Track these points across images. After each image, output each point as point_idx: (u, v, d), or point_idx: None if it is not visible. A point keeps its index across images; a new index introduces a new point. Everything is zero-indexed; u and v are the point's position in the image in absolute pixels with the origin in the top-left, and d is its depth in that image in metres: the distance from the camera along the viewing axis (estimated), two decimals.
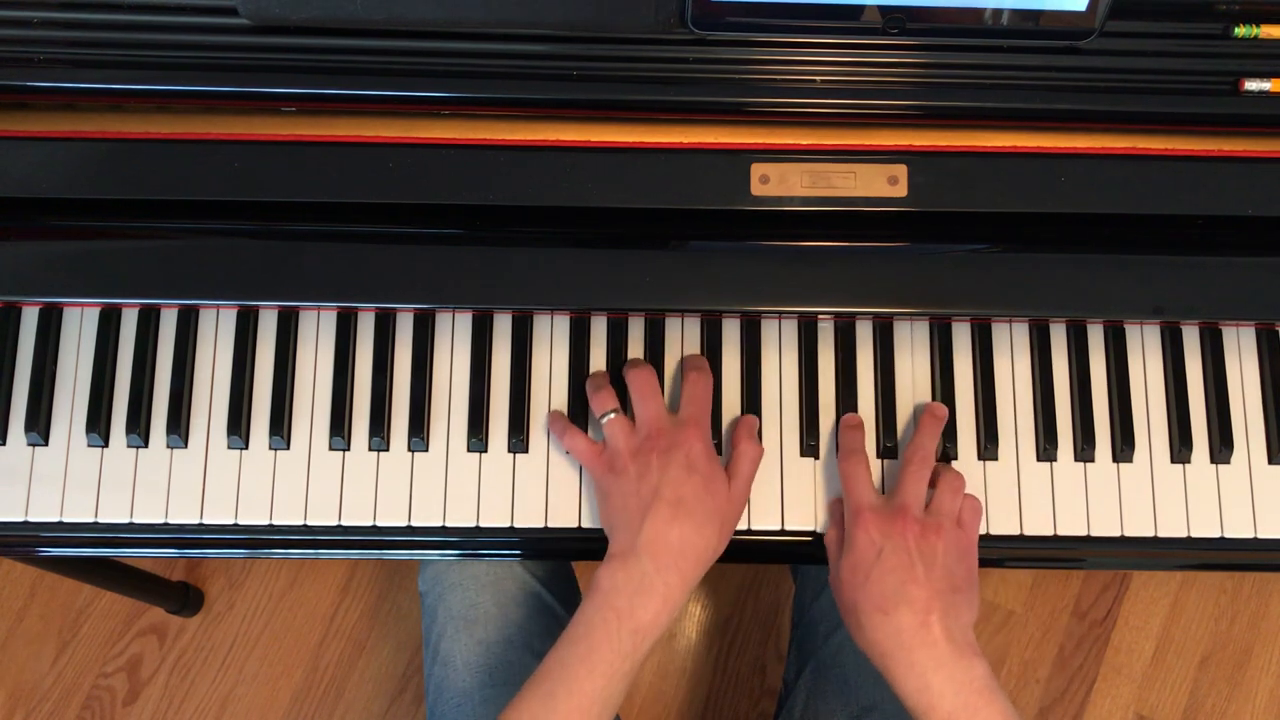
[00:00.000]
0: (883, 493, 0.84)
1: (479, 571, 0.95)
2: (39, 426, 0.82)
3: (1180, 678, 1.54)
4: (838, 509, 0.82)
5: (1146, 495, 0.84)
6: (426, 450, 0.84)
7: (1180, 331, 0.87)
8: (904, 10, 0.74)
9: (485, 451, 0.84)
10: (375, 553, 0.85)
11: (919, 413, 0.84)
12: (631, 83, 0.78)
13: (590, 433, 0.83)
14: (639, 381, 0.81)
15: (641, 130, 0.80)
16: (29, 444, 0.83)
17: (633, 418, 0.81)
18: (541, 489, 0.84)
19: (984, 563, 0.80)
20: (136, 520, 0.82)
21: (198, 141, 0.79)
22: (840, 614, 0.78)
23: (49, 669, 1.51)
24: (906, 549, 0.74)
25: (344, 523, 0.83)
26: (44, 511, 0.82)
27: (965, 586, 0.76)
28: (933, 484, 0.80)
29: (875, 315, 0.86)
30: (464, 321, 0.86)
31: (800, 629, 1.00)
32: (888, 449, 0.84)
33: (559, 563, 1.02)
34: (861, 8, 0.74)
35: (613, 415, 0.80)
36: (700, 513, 0.75)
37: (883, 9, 0.74)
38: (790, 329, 0.86)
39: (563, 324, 0.86)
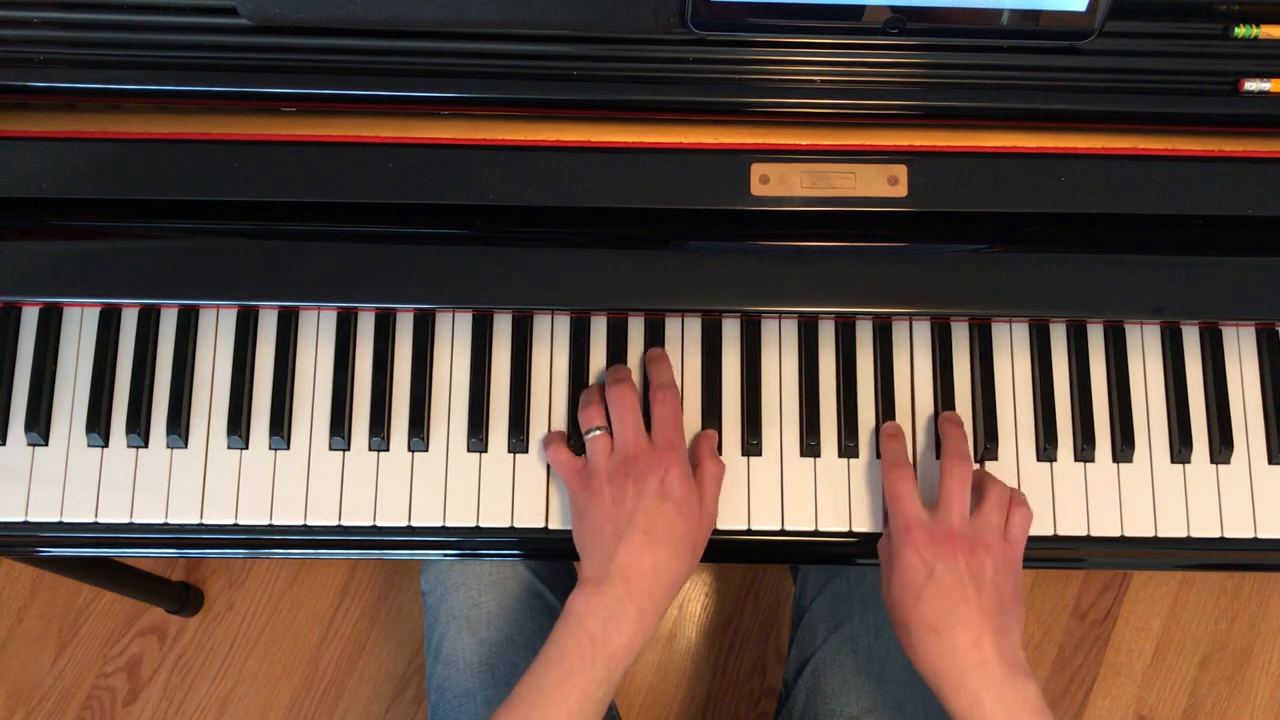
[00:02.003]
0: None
1: (482, 571, 0.95)
2: (39, 426, 0.82)
3: (1180, 678, 1.54)
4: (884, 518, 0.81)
5: (1146, 495, 0.84)
6: (426, 450, 0.84)
7: (1180, 331, 0.87)
8: (904, 10, 0.74)
9: (485, 451, 0.84)
10: (375, 553, 0.85)
11: (921, 417, 0.84)
12: (631, 83, 0.78)
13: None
14: (617, 400, 0.80)
15: (641, 130, 0.80)
16: (29, 444, 0.83)
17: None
18: (541, 489, 0.84)
19: None
20: (136, 520, 0.82)
21: (198, 141, 0.79)
22: (893, 627, 0.77)
23: (49, 669, 1.51)
24: (957, 569, 0.74)
25: (344, 523, 0.83)
26: (44, 511, 0.82)
27: (1014, 604, 0.75)
28: (976, 490, 0.80)
29: (875, 315, 0.86)
30: (464, 321, 0.86)
31: (800, 629, 1.00)
32: None
33: (562, 563, 1.02)
34: (861, 8, 0.74)
35: (597, 433, 0.80)
36: (673, 539, 0.76)
37: (882, 9, 0.74)
38: (790, 329, 0.86)
39: (563, 324, 0.86)
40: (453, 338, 0.86)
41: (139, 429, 0.83)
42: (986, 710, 0.71)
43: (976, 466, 0.83)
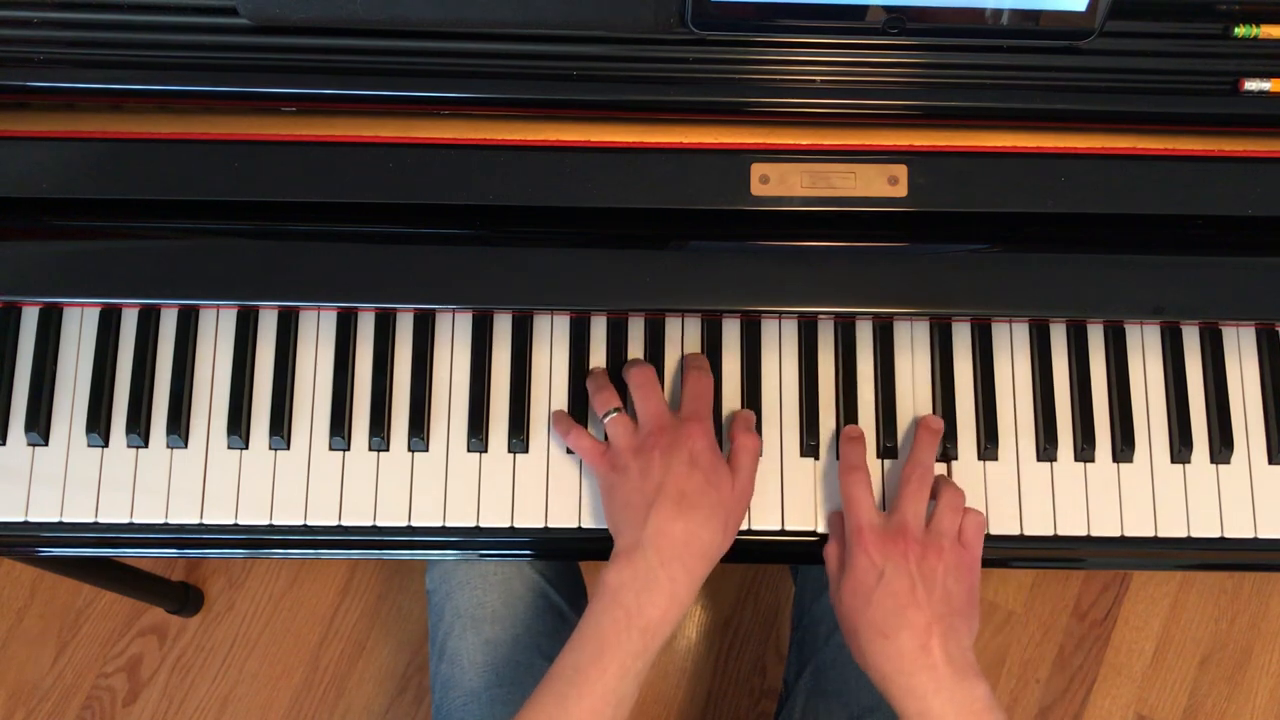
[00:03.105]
0: (884, 496, 0.84)
1: (487, 570, 0.95)
2: (39, 426, 0.82)
3: (1180, 678, 1.54)
4: (838, 523, 0.82)
5: (1146, 495, 0.84)
6: (426, 450, 0.84)
7: (1180, 331, 0.87)
8: (904, 10, 0.74)
9: (485, 451, 0.84)
10: (375, 553, 0.85)
11: (918, 418, 0.84)
12: (631, 83, 0.78)
13: (591, 429, 0.83)
14: (639, 379, 0.81)
15: (641, 130, 0.80)
16: (29, 444, 0.83)
17: (634, 416, 0.81)
18: (541, 489, 0.84)
19: (985, 563, 0.80)
20: (136, 520, 0.82)
21: (198, 141, 0.79)
22: (842, 632, 0.77)
23: (49, 669, 1.51)
24: (907, 571, 0.74)
25: (344, 523, 0.83)
26: (44, 511, 0.82)
27: (965, 607, 0.75)
28: (933, 495, 0.80)
29: (875, 315, 0.86)
30: (464, 321, 0.86)
31: (800, 630, 1.00)
32: (888, 449, 0.84)
33: (566, 562, 1.02)
34: (861, 8, 0.74)
35: (615, 414, 0.80)
36: (704, 507, 0.75)
37: (883, 9, 0.74)
38: (790, 329, 0.86)
39: (563, 324, 0.86)
40: (453, 338, 0.86)
41: (139, 429, 0.83)
42: (934, 713, 0.71)
43: (939, 472, 0.83)
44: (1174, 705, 1.53)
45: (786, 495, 0.84)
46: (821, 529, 0.84)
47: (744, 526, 0.83)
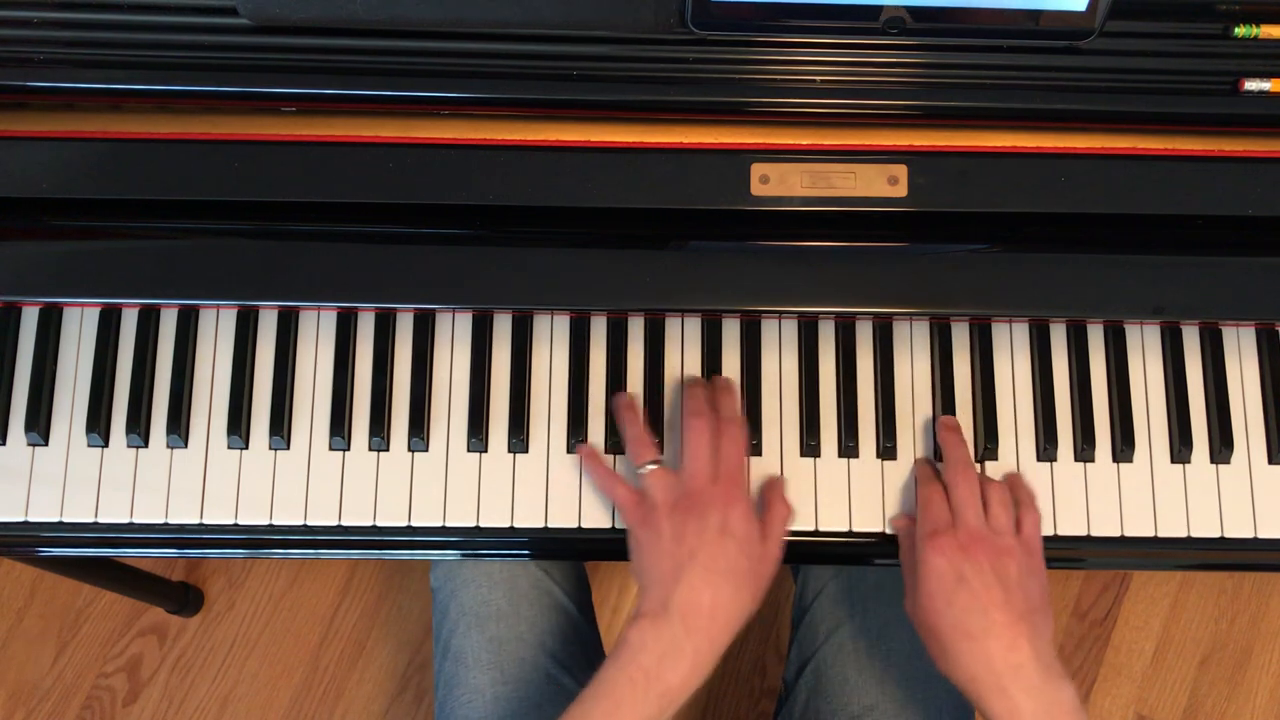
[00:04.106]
0: (884, 497, 0.84)
1: (492, 568, 0.95)
2: (39, 426, 0.82)
3: (1180, 678, 1.53)
4: (908, 528, 0.81)
5: (1146, 495, 0.84)
6: (426, 450, 0.84)
7: (1180, 331, 0.87)
8: (904, 10, 0.74)
9: (485, 451, 0.84)
10: (375, 553, 0.85)
11: (921, 417, 0.84)
12: (631, 83, 0.78)
13: (592, 428, 0.83)
14: (693, 432, 0.79)
15: (641, 130, 0.80)
16: (29, 444, 0.83)
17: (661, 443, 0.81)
18: (541, 489, 0.84)
19: None
20: (136, 520, 0.82)
21: (198, 141, 0.79)
22: (921, 637, 0.77)
23: (49, 669, 1.51)
24: (984, 572, 0.74)
25: (344, 523, 0.83)
26: (44, 511, 0.82)
27: (1043, 605, 0.75)
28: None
29: (875, 315, 0.86)
30: (464, 321, 0.86)
31: (801, 629, 1.00)
32: (887, 449, 0.84)
33: (570, 561, 1.02)
34: (862, 8, 0.74)
35: (652, 467, 0.79)
36: (735, 578, 0.75)
37: (883, 9, 0.74)
38: (790, 329, 0.86)
39: (563, 324, 0.86)
40: (453, 338, 0.86)
41: (139, 429, 0.83)
42: (1025, 713, 0.70)
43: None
44: (1174, 705, 1.53)
45: (787, 495, 0.84)
46: (822, 528, 0.84)
47: None
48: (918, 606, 0.76)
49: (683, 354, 0.86)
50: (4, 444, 0.83)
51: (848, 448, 0.84)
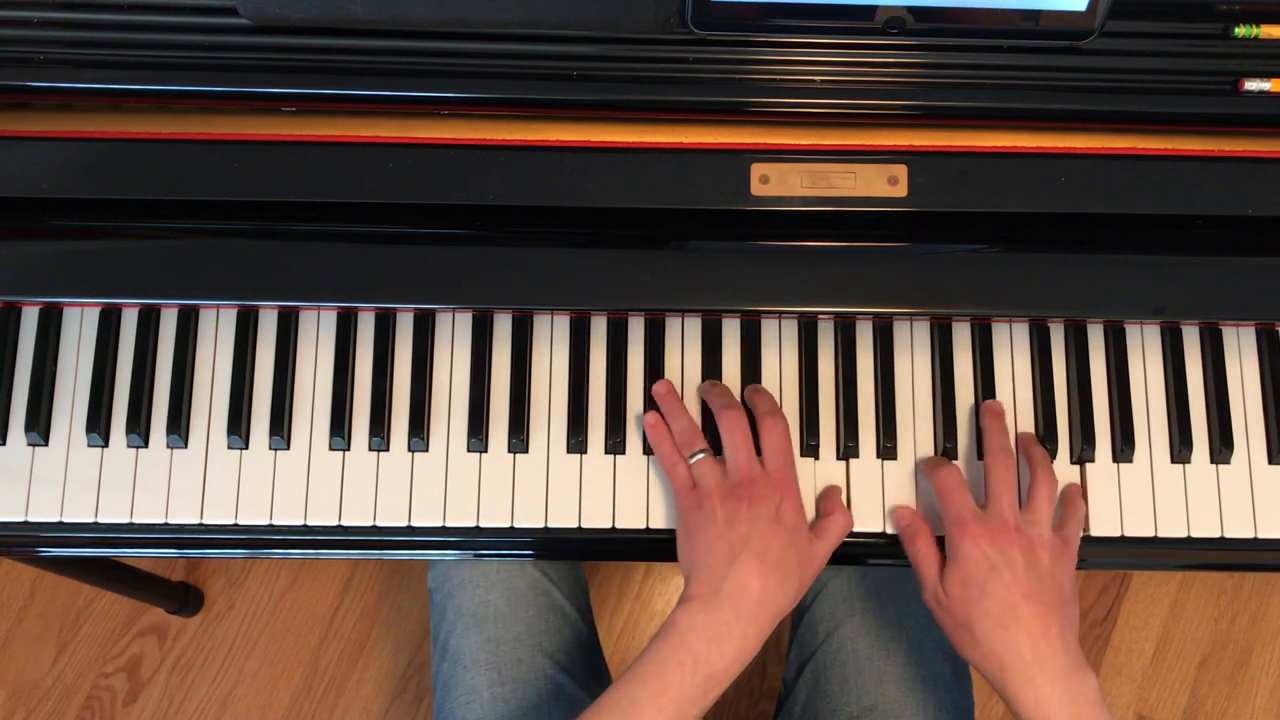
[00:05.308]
0: (884, 498, 0.84)
1: (489, 569, 0.95)
2: (39, 426, 0.82)
3: (1180, 678, 1.54)
4: (918, 521, 0.81)
5: (1146, 495, 0.84)
6: (426, 450, 0.84)
7: (1180, 331, 0.87)
8: (904, 10, 0.74)
9: (485, 451, 0.84)
10: (375, 553, 0.85)
11: (921, 417, 0.84)
12: (631, 83, 0.78)
13: (593, 426, 0.83)
14: (732, 423, 0.79)
15: (641, 130, 0.80)
16: (29, 444, 0.83)
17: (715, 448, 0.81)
18: (541, 489, 0.84)
19: None
20: (136, 520, 0.82)
21: (198, 141, 0.79)
22: (944, 628, 0.77)
23: (49, 669, 1.51)
24: (1016, 562, 0.74)
25: (344, 523, 0.83)
26: (44, 511, 0.82)
27: (1071, 597, 0.76)
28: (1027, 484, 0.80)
29: (875, 315, 0.86)
30: (464, 321, 0.86)
31: (800, 629, 1.00)
32: (887, 449, 0.84)
33: (569, 562, 1.02)
34: (862, 8, 0.74)
35: (702, 455, 0.79)
36: (785, 567, 0.75)
37: (883, 8, 0.74)
38: (790, 329, 0.86)
39: (563, 324, 0.86)
40: (453, 338, 0.86)
41: (139, 429, 0.83)
42: (1053, 704, 0.71)
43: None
44: (1174, 705, 1.53)
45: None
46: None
47: None
48: (949, 596, 0.76)
49: (683, 354, 0.86)
50: (4, 444, 0.83)
51: (848, 448, 0.84)
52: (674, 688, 0.72)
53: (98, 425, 0.83)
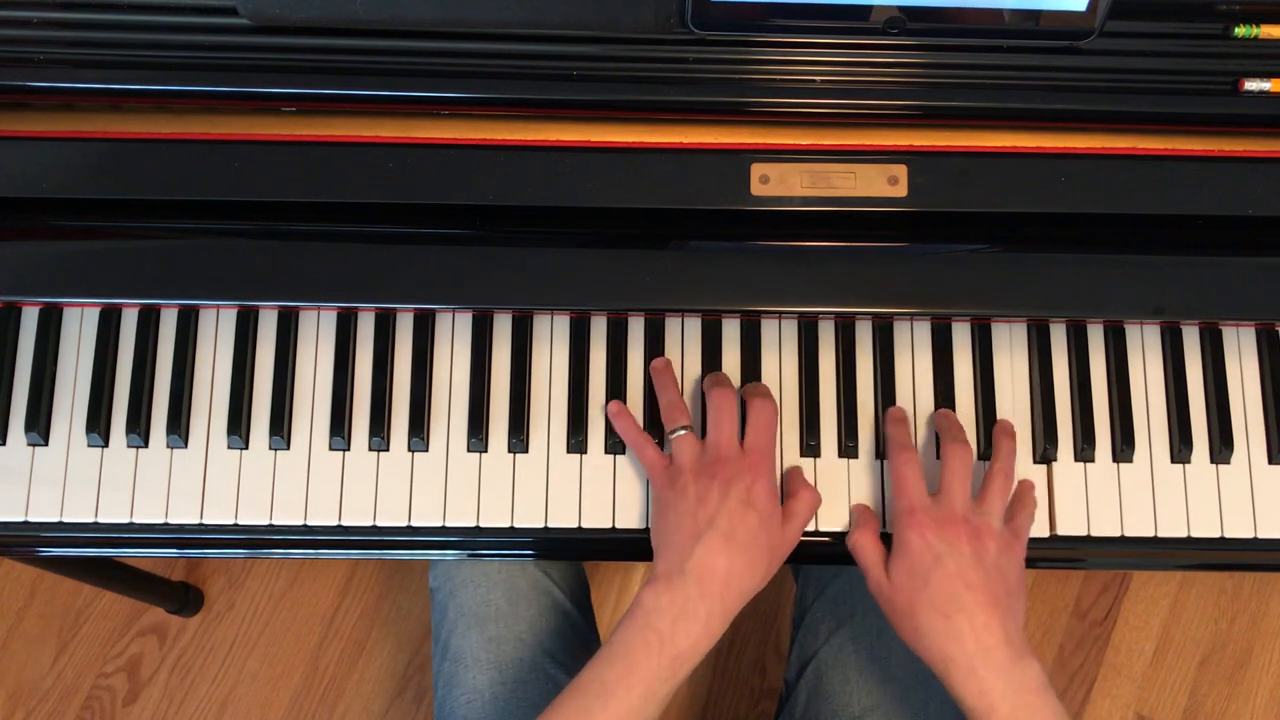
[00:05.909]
0: (884, 501, 0.84)
1: (491, 569, 0.95)
2: (39, 426, 0.82)
3: (1180, 678, 1.54)
4: (865, 514, 0.82)
5: (1146, 495, 0.84)
6: (426, 450, 0.84)
7: (1180, 331, 0.87)
8: (904, 10, 0.74)
9: (485, 451, 0.84)
10: (375, 553, 0.85)
11: (921, 417, 0.84)
12: (631, 83, 0.78)
13: (592, 422, 0.83)
14: (720, 402, 0.80)
15: (641, 130, 0.80)
16: (29, 444, 0.83)
17: (699, 433, 0.81)
18: (541, 489, 0.84)
19: None
20: (136, 520, 0.82)
21: (198, 141, 0.79)
22: (889, 617, 0.77)
23: (49, 669, 1.51)
24: (962, 553, 0.74)
25: (344, 523, 0.83)
26: (44, 511, 0.82)
27: (1017, 588, 0.76)
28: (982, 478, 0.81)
29: (875, 315, 0.86)
30: (464, 321, 0.86)
31: (801, 629, 1.00)
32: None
33: (570, 562, 1.02)
34: (862, 8, 0.74)
35: (683, 432, 0.80)
36: (752, 549, 0.75)
37: (883, 9, 0.74)
38: (790, 329, 0.86)
39: (563, 324, 0.86)
40: (453, 338, 0.86)
41: (139, 429, 0.83)
42: (995, 694, 0.71)
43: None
44: (1174, 705, 1.53)
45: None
46: (825, 528, 0.84)
47: None
48: (894, 585, 0.76)
49: (683, 354, 0.86)
50: (4, 444, 0.83)
51: (848, 448, 0.84)
52: (641, 667, 0.72)
53: (98, 425, 0.83)
